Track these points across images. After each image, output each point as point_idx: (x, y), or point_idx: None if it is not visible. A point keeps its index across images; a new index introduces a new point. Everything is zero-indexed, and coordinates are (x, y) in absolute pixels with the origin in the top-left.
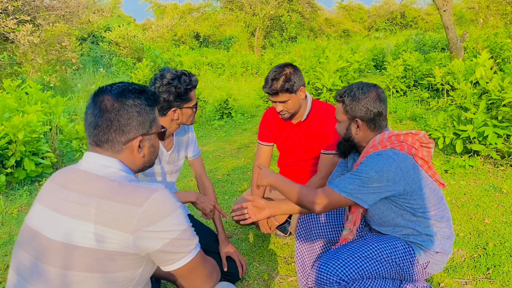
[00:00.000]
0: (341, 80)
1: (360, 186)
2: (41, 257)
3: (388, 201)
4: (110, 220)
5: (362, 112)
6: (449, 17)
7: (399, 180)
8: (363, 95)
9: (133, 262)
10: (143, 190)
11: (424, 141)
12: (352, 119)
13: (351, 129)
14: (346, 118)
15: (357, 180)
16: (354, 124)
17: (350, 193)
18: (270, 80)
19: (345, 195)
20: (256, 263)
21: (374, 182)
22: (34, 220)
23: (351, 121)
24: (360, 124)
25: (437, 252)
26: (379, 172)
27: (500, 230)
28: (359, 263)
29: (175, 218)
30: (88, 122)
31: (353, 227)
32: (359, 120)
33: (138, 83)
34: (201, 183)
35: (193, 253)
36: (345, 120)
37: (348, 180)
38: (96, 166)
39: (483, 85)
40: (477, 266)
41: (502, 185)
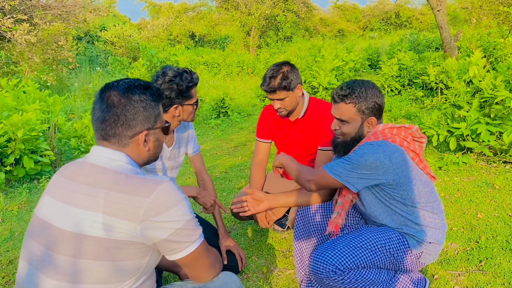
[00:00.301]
0: (337, 79)
1: (349, 170)
2: (52, 246)
3: (380, 192)
4: (118, 211)
5: (375, 109)
6: (443, 17)
7: (387, 169)
8: (370, 92)
9: (140, 251)
10: (149, 182)
11: (416, 135)
12: (366, 118)
13: (364, 128)
14: (359, 118)
15: (347, 165)
16: (367, 123)
17: (340, 176)
18: (268, 78)
19: (335, 177)
20: (255, 257)
21: (363, 168)
22: (44, 212)
23: (364, 120)
24: (373, 121)
25: (430, 242)
26: (368, 160)
27: (492, 224)
28: (354, 253)
29: (180, 209)
30: (96, 117)
31: (342, 210)
32: (373, 118)
33: (143, 80)
34: (201, 179)
35: (197, 243)
36: (357, 121)
37: (340, 164)
38: (104, 159)
39: (476, 84)
40: (470, 258)
41: (495, 181)
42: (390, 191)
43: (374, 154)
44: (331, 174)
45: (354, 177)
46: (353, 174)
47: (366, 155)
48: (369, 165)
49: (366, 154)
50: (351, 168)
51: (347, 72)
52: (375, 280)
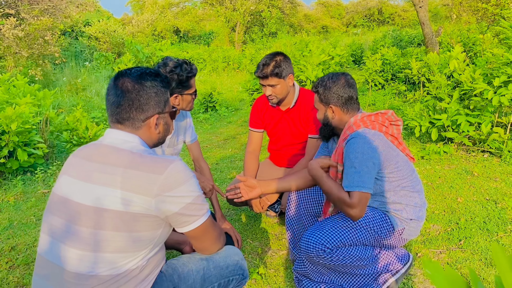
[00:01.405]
0: (323, 73)
1: (361, 173)
2: (74, 219)
3: None
4: (135, 186)
5: (334, 98)
6: (425, 13)
7: (378, 153)
8: (333, 83)
9: (154, 223)
10: (162, 161)
11: (392, 119)
12: (327, 106)
13: (328, 114)
14: (322, 106)
15: (355, 168)
16: (330, 110)
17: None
18: (262, 65)
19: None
20: (250, 239)
21: (366, 161)
22: (63, 189)
23: (327, 107)
24: (335, 109)
25: (411, 219)
26: (364, 151)
27: (471, 207)
28: (340, 232)
29: (190, 185)
30: (111, 102)
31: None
32: (333, 106)
33: (151, 68)
34: (199, 166)
35: (206, 216)
36: (322, 108)
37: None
38: (118, 141)
39: (456, 77)
40: (450, 238)
41: (474, 169)
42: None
43: (364, 143)
44: (360, 190)
45: (366, 177)
46: (363, 174)
47: (359, 148)
48: (368, 155)
49: (359, 147)
50: (359, 168)
51: (333, 66)
52: (361, 256)
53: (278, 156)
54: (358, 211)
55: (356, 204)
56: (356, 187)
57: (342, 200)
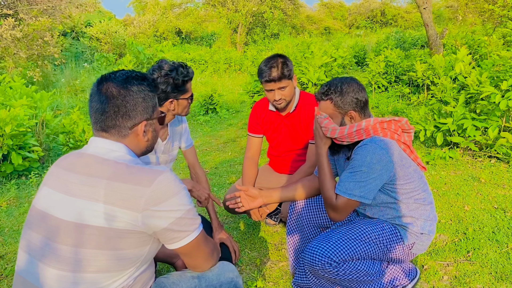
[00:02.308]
0: (326, 75)
1: (359, 182)
2: (53, 236)
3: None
4: (119, 200)
5: (353, 104)
6: (429, 14)
7: (389, 165)
8: (349, 87)
9: (140, 240)
10: (150, 172)
11: (406, 127)
12: (345, 113)
13: (345, 123)
14: (338, 114)
15: (355, 176)
16: (347, 117)
17: (355, 195)
18: (270, 68)
19: (354, 198)
20: (248, 250)
21: (370, 173)
22: (43, 202)
23: (344, 115)
24: (354, 115)
25: (421, 233)
26: (371, 161)
27: (479, 216)
28: (348, 245)
29: (180, 199)
30: (95, 109)
31: None
32: (353, 112)
33: (137, 71)
34: (195, 173)
35: (197, 231)
36: (337, 116)
37: (349, 180)
38: (103, 150)
39: (462, 80)
40: (458, 249)
41: (480, 175)
42: (386, 185)
43: (374, 153)
44: (350, 197)
45: (366, 188)
46: (363, 184)
47: (367, 157)
48: (374, 166)
49: (367, 156)
50: (359, 178)
51: (336, 68)
52: (369, 271)
53: (278, 162)
54: (339, 216)
55: (340, 209)
56: (347, 194)
57: (329, 199)
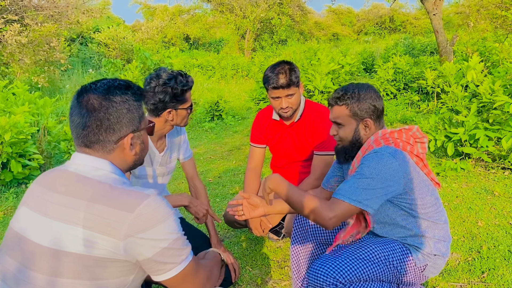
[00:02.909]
0: (332, 82)
1: (364, 189)
2: (28, 263)
3: (387, 202)
4: (99, 225)
5: (370, 110)
6: (439, 21)
7: (400, 177)
8: (366, 93)
9: (124, 269)
10: (135, 195)
11: (418, 136)
12: (361, 120)
13: (360, 130)
14: (353, 120)
15: (361, 182)
16: (362, 125)
17: (360, 201)
18: (277, 74)
19: (356, 204)
20: (249, 267)
21: (377, 181)
22: (20, 224)
23: (359, 122)
24: (370, 123)
25: (434, 254)
26: (380, 169)
27: (494, 233)
28: (356, 265)
29: (167, 226)
30: (76, 124)
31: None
32: (369, 120)
33: (121, 78)
34: (193, 186)
35: (184, 264)
36: (351, 123)
37: (353, 185)
38: (86, 167)
39: (474, 88)
40: (472, 269)
41: (494, 188)
42: (397, 201)
43: (384, 160)
44: (352, 203)
45: (370, 196)
46: (368, 192)
47: (376, 165)
48: (383, 175)
49: (377, 163)
50: (365, 185)
51: (343, 75)
52: None
53: (281, 174)
54: (335, 219)
55: (338, 212)
56: (346, 198)
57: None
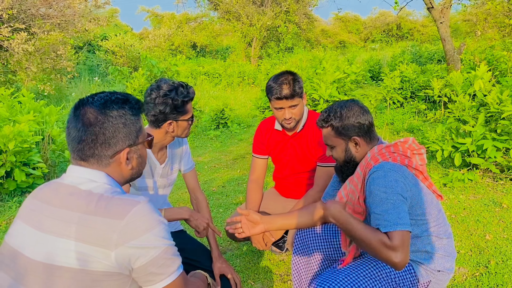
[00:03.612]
0: (338, 91)
1: (392, 209)
2: (21, 279)
3: None
4: (90, 236)
5: (356, 128)
6: (446, 29)
7: (405, 189)
8: (349, 111)
9: (119, 282)
10: (124, 203)
11: (414, 147)
12: (349, 139)
13: (350, 149)
14: (341, 140)
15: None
16: (352, 143)
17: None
18: (280, 85)
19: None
20: (251, 280)
21: (395, 194)
22: (14, 239)
23: (348, 141)
24: (359, 141)
25: (438, 270)
26: (386, 186)
27: (502, 247)
28: (357, 282)
29: (158, 233)
30: (72, 137)
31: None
32: (357, 137)
33: (120, 92)
34: (195, 198)
35: (174, 276)
36: (340, 143)
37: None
38: (80, 179)
39: (481, 98)
40: (479, 285)
41: (502, 200)
42: None
43: (387, 176)
44: (402, 228)
45: (402, 213)
46: (399, 210)
47: (383, 182)
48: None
49: (382, 181)
50: (392, 205)
51: (349, 84)
52: None
53: (284, 186)
54: (403, 255)
55: (400, 246)
56: (395, 226)
57: (382, 243)
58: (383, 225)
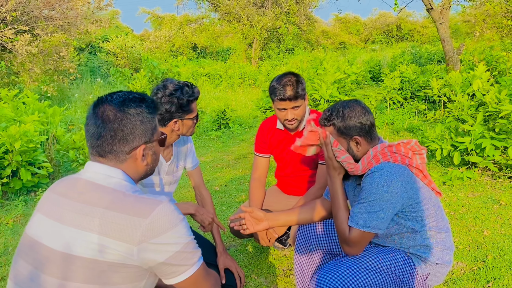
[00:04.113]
0: (338, 91)
1: (371, 213)
2: (41, 267)
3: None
4: (114, 231)
5: (357, 128)
6: (445, 30)
7: (402, 193)
8: (352, 111)
9: (135, 274)
10: (148, 202)
11: (416, 149)
12: (350, 138)
13: (351, 148)
14: (343, 139)
15: (367, 207)
16: (353, 143)
17: (369, 227)
18: (283, 86)
19: (368, 230)
20: (254, 275)
21: (382, 202)
22: (35, 230)
23: (349, 140)
24: (360, 140)
25: (437, 263)
26: (382, 190)
27: (499, 242)
28: (358, 275)
29: (179, 231)
30: (91, 134)
31: None
32: (358, 137)
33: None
34: (199, 194)
35: (197, 265)
36: (342, 142)
37: (360, 211)
38: (100, 176)
39: (480, 97)
40: (477, 279)
41: (500, 197)
42: (401, 214)
43: (383, 180)
44: (363, 229)
45: (379, 218)
46: (376, 215)
47: (377, 186)
48: (385, 194)
49: (378, 186)
50: (371, 208)
51: (349, 84)
52: None
53: (286, 183)
54: (354, 250)
55: (354, 243)
56: (359, 226)
57: (342, 232)
58: (353, 220)
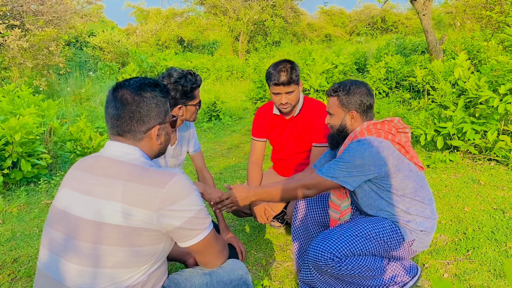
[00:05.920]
0: (327, 81)
1: (344, 170)
2: (73, 233)
3: (372, 184)
4: (136, 200)
5: (357, 104)
6: (428, 21)
7: (379, 162)
8: (357, 89)
9: (155, 237)
10: (164, 174)
11: (399, 126)
12: (348, 111)
13: (346, 120)
14: (341, 111)
15: (341, 165)
16: (349, 116)
17: (337, 178)
18: (279, 72)
19: (333, 180)
20: (254, 251)
21: (357, 166)
22: (63, 202)
23: (346, 113)
24: (355, 115)
25: (421, 230)
26: (360, 157)
27: (478, 217)
28: (350, 241)
29: (193, 199)
30: (111, 115)
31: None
32: (354, 112)
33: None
34: (202, 176)
35: (208, 229)
36: (340, 113)
37: (333, 166)
38: (119, 153)
39: (461, 85)
40: (458, 248)
41: (480, 178)
42: (382, 183)
43: (364, 149)
44: (328, 178)
45: (348, 176)
46: (347, 173)
47: (356, 152)
48: (362, 162)
49: (357, 151)
50: (345, 167)
51: (337, 74)
52: (370, 267)
53: (281, 166)
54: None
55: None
56: (328, 177)
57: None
58: (322, 171)
